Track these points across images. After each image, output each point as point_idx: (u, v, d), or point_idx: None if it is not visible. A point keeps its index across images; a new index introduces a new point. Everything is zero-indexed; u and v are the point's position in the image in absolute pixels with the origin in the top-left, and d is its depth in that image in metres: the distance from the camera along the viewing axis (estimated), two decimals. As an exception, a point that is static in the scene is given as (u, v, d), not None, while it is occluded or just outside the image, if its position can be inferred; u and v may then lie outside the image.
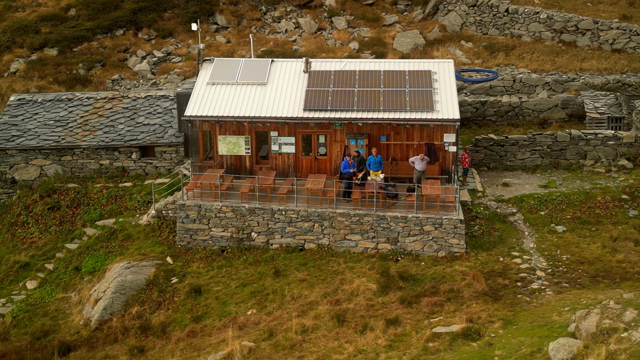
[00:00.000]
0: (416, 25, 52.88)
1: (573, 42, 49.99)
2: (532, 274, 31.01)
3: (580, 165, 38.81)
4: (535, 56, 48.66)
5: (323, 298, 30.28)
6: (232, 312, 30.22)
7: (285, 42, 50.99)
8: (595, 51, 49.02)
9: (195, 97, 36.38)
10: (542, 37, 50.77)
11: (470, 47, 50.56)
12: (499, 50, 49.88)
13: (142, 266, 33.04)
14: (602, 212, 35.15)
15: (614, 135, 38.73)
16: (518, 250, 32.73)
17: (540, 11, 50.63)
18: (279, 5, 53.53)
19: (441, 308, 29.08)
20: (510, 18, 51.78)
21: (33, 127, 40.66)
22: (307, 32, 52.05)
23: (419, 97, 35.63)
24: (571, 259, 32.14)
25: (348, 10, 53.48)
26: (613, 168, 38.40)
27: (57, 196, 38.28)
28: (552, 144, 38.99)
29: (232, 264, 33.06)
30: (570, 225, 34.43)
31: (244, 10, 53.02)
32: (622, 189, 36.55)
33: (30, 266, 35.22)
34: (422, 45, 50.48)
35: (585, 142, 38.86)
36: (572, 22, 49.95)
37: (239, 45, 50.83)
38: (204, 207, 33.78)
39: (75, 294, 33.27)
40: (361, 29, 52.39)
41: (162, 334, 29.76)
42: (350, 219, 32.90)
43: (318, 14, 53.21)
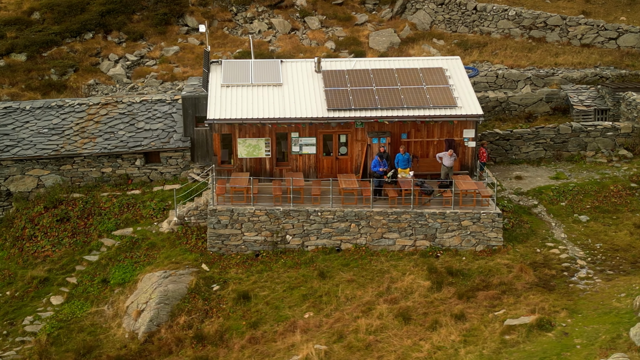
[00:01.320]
0: (387, 24, 53.30)
1: (543, 38, 51.48)
2: (574, 263, 31.80)
3: (582, 156, 40.03)
4: (508, 52, 49.85)
5: (378, 297, 30.19)
6: (288, 316, 29.76)
7: (260, 43, 50.47)
8: (566, 46, 50.61)
9: (214, 101, 35.60)
10: (512, 33, 52.06)
11: (442, 44, 51.34)
12: (472, 48, 50.83)
13: (179, 275, 32.13)
14: (618, 201, 36.36)
15: (612, 127, 40.11)
16: (551, 241, 33.49)
17: (509, 8, 51.91)
18: (250, 6, 52.92)
19: (500, 301, 29.45)
20: (478, 16, 52.86)
21: (27, 136, 38.87)
22: (281, 33, 51.67)
23: (439, 94, 35.97)
24: (604, 247, 33.13)
25: (319, 10, 53.41)
26: (614, 158, 39.79)
27: (65, 207, 36.74)
28: (554, 137, 40.08)
29: (272, 268, 32.55)
30: (592, 215, 35.47)
31: (215, 11, 52.16)
32: (629, 177, 37.91)
33: (50, 281, 33.70)
34: (398, 43, 50.94)
35: (586, 134, 40.09)
36: (540, 19, 51.42)
37: (213, 47, 49.96)
38: (236, 212, 33.11)
39: (108, 307, 32.04)
40: (334, 28, 52.41)
41: (220, 342, 29.03)
42: (388, 217, 32.92)
43: (290, 14, 52.91)
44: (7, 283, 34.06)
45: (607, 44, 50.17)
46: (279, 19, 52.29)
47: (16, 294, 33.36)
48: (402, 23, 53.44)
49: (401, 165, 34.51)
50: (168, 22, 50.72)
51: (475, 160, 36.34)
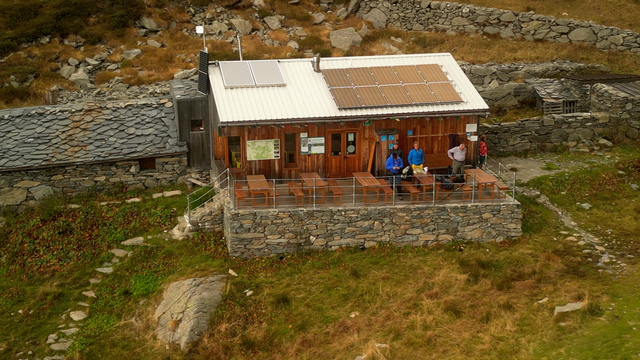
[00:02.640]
0: (345, 23, 53.54)
1: (497, 34, 52.93)
2: (594, 250, 32.95)
3: (565, 146, 41.48)
4: (466, 48, 51.02)
5: (419, 293, 30.42)
6: (334, 316, 29.58)
7: (223, 44, 49.74)
8: (520, 42, 52.24)
9: (222, 103, 34.91)
10: (467, 30, 53.30)
11: (400, 42, 52.04)
12: (430, 45, 51.76)
13: (210, 282, 31.41)
14: (612, 188, 37.90)
15: (591, 117, 41.75)
16: (564, 229, 34.59)
17: (462, 6, 53.13)
18: (208, 6, 52.03)
19: (539, 290, 30.21)
20: (433, 13, 53.85)
21: (12, 146, 37.00)
22: (242, 33, 51.07)
23: (442, 90, 36.50)
24: (615, 232, 34.48)
25: (278, 10, 53.08)
26: (595, 147, 41.43)
27: (65, 219, 35.21)
28: (539, 129, 41.36)
29: (300, 270, 32.26)
30: (593, 202, 36.84)
31: (172, 13, 51.01)
32: (615, 165, 39.55)
33: (66, 296, 32.26)
34: (359, 42, 51.30)
35: (567, 125, 41.56)
36: (494, 15, 52.88)
37: (175, 49, 48.92)
38: (259, 215, 32.61)
39: (135, 319, 30.96)
40: (295, 28, 52.23)
41: (270, 347, 28.58)
42: (411, 214, 33.19)
43: (249, 14, 52.34)
44: (17, 301, 32.38)
45: (559, 39, 52.10)
46: (238, 19, 51.66)
47: (30, 312, 31.76)
48: (359, 22, 53.80)
49: (415, 162, 34.84)
50: (125, 25, 49.27)
51: (477, 154, 37.05)
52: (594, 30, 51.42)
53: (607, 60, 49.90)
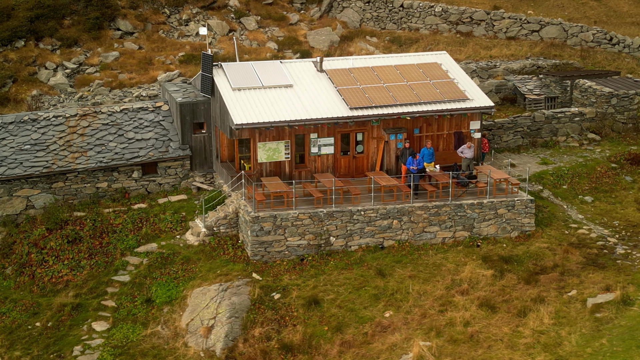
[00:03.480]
0: (319, 23, 53.47)
1: (470, 33, 53.67)
2: (607, 241, 33.74)
3: (555, 141, 42.34)
4: (441, 47, 51.55)
5: (449, 290, 30.63)
6: (368, 316, 29.54)
7: (202, 45, 49.08)
8: (493, 40, 53.09)
9: (234, 105, 34.47)
10: (440, 29, 53.89)
11: (376, 42, 52.28)
12: (404, 44, 52.15)
13: (237, 286, 31.00)
14: (609, 180, 38.88)
15: (579, 112, 42.74)
16: (573, 222, 35.32)
17: (435, 5, 53.69)
18: (184, 8, 51.22)
19: (564, 282, 30.78)
20: (406, 12, 54.26)
21: (9, 153, 35.78)
22: (219, 34, 50.48)
23: (447, 88, 36.84)
24: (622, 224, 35.39)
25: (253, 10, 52.63)
26: (585, 141, 42.42)
27: (72, 227, 34.23)
28: (530, 125, 42.12)
29: (324, 271, 32.10)
30: (594, 195, 37.72)
31: (148, 14, 50.03)
32: (607, 158, 40.58)
33: (84, 306, 31.36)
34: (337, 42, 51.33)
35: (557, 121, 42.45)
36: (466, 14, 53.60)
37: (154, 51, 48.05)
38: (279, 217, 32.32)
39: (161, 327, 30.31)
40: (271, 28, 51.89)
41: (310, 349, 28.38)
42: (429, 211, 33.39)
43: (224, 15, 51.75)
44: (32, 314, 31.33)
45: (531, 36, 53.13)
46: (214, 20, 51.02)
47: (49, 324, 30.78)
48: (333, 22, 53.80)
49: (426, 159, 35.04)
50: (101, 27, 48.12)
51: (480, 151, 37.52)
52: (564, 27, 52.61)
53: (579, 56, 51.12)
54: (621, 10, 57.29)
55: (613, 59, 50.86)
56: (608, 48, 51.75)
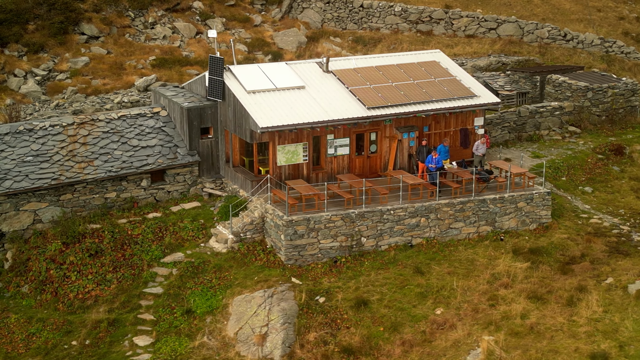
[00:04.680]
0: (283, 24, 53.15)
1: (430, 32, 54.55)
2: (621, 229, 35.05)
3: (539, 135, 43.62)
4: (405, 46, 52.24)
5: (490, 284, 31.09)
6: (421, 314, 29.65)
7: (171, 48, 47.93)
8: (453, 38, 54.14)
9: (254, 109, 33.89)
10: (400, 28, 54.53)
11: (340, 42, 52.46)
12: (368, 44, 52.54)
13: (281, 292, 30.54)
14: (601, 171, 40.39)
15: (559, 107, 44.19)
16: (582, 212, 36.51)
17: (394, 4, 54.29)
18: (149, 10, 49.82)
19: (598, 270, 31.76)
20: (366, 12, 54.62)
21: (11, 166, 34.04)
22: (187, 37, 49.43)
23: (452, 86, 37.39)
24: (627, 212, 36.85)
25: (217, 12, 51.73)
26: (566, 134, 43.89)
27: (92, 240, 32.89)
28: (516, 120, 43.22)
29: (361, 272, 32.03)
30: (592, 186, 39.11)
31: (112, 18, 48.40)
32: (592, 150, 42.14)
33: (121, 322, 30.19)
34: (305, 43, 51.19)
35: (539, 115, 43.74)
36: (426, 13, 54.45)
37: (123, 55, 46.59)
38: (312, 220, 32.05)
39: (208, 337, 29.53)
40: (238, 30, 51.18)
41: (371, 351, 28.28)
42: (454, 208, 33.82)
43: (189, 17, 50.69)
44: (65, 332, 29.95)
45: (488, 34, 54.47)
46: (180, 22, 49.92)
47: (87, 342, 29.49)
48: (296, 22, 53.57)
49: (443, 157, 35.45)
50: (66, 31, 46.27)
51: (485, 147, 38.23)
52: (520, 25, 54.17)
53: (538, 53, 52.76)
54: (564, 8, 59.44)
55: (570, 55, 52.72)
56: (563, 44, 53.61)
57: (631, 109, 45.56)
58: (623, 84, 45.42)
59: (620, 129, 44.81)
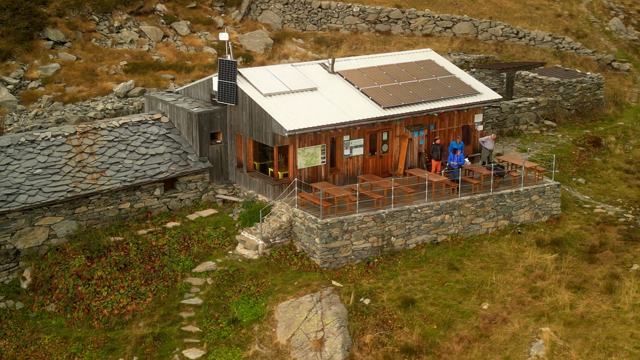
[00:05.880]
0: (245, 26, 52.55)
1: (388, 31, 55.14)
2: (626, 218, 36.53)
3: (519, 130, 44.87)
4: (368, 46, 52.69)
5: (526, 277, 31.81)
6: (469, 310, 30.04)
7: (141, 53, 46.59)
8: (411, 37, 54.91)
9: (276, 111, 33.47)
10: (359, 28, 54.87)
11: (302, 43, 52.39)
12: (330, 44, 52.69)
13: (328, 295, 30.33)
14: (586, 162, 41.96)
15: (535, 102, 45.59)
16: (584, 203, 37.85)
17: (353, 5, 54.60)
18: (112, 14, 48.19)
19: (621, 258, 33.02)
20: (325, 13, 54.69)
21: (22, 180, 32.42)
22: (154, 40, 48.16)
23: (456, 84, 38.02)
24: (624, 201, 38.43)
25: (181, 15, 50.56)
26: (543, 128, 45.33)
27: (118, 253, 31.73)
28: (498, 115, 44.32)
29: (397, 272, 32.17)
30: (584, 177, 40.57)
31: (77, 22, 46.58)
32: (572, 142, 43.70)
33: (165, 335, 29.25)
34: (271, 44, 50.83)
35: (518, 110, 45.00)
36: (383, 13, 55.01)
37: (93, 61, 44.98)
38: (346, 222, 31.98)
39: (259, 346, 29.03)
40: (203, 33, 50.22)
41: (432, 349, 28.48)
42: (475, 204, 34.43)
43: (154, 21, 49.36)
44: (109, 350, 28.82)
45: (444, 33, 55.54)
46: (146, 26, 48.56)
47: (134, 359, 28.44)
48: (257, 24, 53.07)
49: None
50: (32, 37, 44.28)
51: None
52: (474, 23, 55.46)
53: (494, 50, 54.17)
54: (506, 7, 61.22)
55: (524, 52, 54.38)
56: (516, 41, 55.23)
57: (597, 102, 47.41)
58: (589, 78, 47.23)
59: (591, 121, 46.55)
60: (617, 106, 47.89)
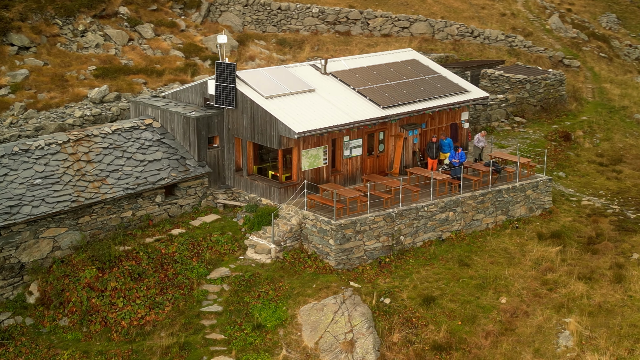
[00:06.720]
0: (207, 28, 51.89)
1: (348, 32, 55.37)
2: (613, 209, 37.75)
3: (492, 127, 45.80)
4: (330, 47, 52.85)
5: (536, 270, 32.51)
6: (489, 305, 30.49)
7: (109, 57, 45.42)
8: (371, 37, 55.31)
9: (281, 113, 33.23)
10: (319, 29, 54.94)
11: (265, 44, 52.16)
12: (293, 46, 52.63)
13: (349, 297, 30.32)
14: (562, 156, 43.15)
15: (505, 99, 46.62)
16: (570, 196, 38.94)
17: (312, 6, 54.63)
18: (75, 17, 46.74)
19: (620, 248, 34.14)
20: (284, 15, 54.52)
21: (23, 190, 31.27)
22: (120, 44, 47.02)
23: (444, 83, 38.55)
24: (607, 193, 39.71)
25: (144, 18, 49.46)
26: (514, 125, 46.39)
27: (130, 263, 30.96)
28: (472, 113, 45.13)
29: (410, 270, 32.39)
30: (563, 171, 41.71)
31: (41, 26, 45.02)
32: (545, 137, 44.89)
33: (191, 345, 28.69)
34: (237, 46, 50.39)
35: (490, 107, 45.94)
36: (342, 14, 55.22)
37: (61, 66, 43.61)
38: (359, 222, 32.05)
39: (287, 350, 28.83)
40: (167, 35, 49.31)
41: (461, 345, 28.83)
42: (476, 200, 35.01)
43: (118, 24, 48.17)
44: (133, 363, 28.06)
45: (402, 33, 56.15)
46: (110, 29, 47.36)
47: (174, 370, 27.87)
48: (218, 26, 52.47)
49: (446, 150, 36.59)
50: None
51: (467, 140, 39.77)
52: (430, 23, 56.26)
53: (452, 49, 55.09)
54: (454, 6, 62.34)
55: (481, 50, 55.49)
56: (472, 40, 56.30)
57: (560, 98, 48.77)
58: (552, 74, 48.55)
59: (556, 116, 47.88)
60: (578, 102, 49.34)
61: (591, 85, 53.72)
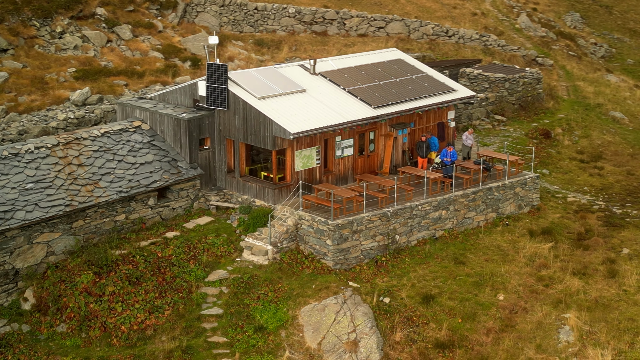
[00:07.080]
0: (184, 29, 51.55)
1: (325, 32, 55.41)
2: (599, 205, 38.32)
3: (473, 125, 46.18)
4: (308, 47, 52.86)
5: (530, 267, 32.87)
6: (488, 302, 30.72)
7: (88, 59, 44.86)
8: (347, 37, 55.40)
9: (275, 114, 33.13)
10: (296, 30, 54.89)
11: (242, 45, 51.99)
12: (270, 46, 52.55)
13: (349, 297, 30.35)
14: (544, 153, 43.69)
15: (485, 97, 47.05)
16: (556, 192, 39.43)
17: (288, 6, 54.57)
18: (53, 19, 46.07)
19: (610, 243, 34.67)
20: (261, 15, 54.37)
21: (15, 195, 30.76)
22: (98, 46, 46.47)
23: (431, 82, 38.78)
24: (591, 189, 40.30)
25: (121, 19, 48.90)
26: (495, 123, 46.83)
27: (127, 267, 30.64)
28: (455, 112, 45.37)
29: (407, 269, 32.51)
30: (546, 168, 42.22)
31: (18, 28, 44.31)
32: (526, 135, 45.41)
33: (193, 348, 28.49)
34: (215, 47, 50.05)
35: (470, 106, 46.33)
36: (319, 14, 55.23)
37: (40, 69, 42.98)
38: (355, 222, 32.10)
39: (290, 352, 28.78)
40: (146, 37, 48.85)
41: (463, 342, 29.04)
42: (468, 198, 35.29)
43: (96, 25, 47.59)
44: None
45: (378, 33, 56.33)
46: (88, 30, 46.77)
47: (175, 375, 27.63)
48: (195, 27, 52.15)
49: (433, 149, 36.86)
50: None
51: (453, 138, 40.05)
52: (406, 23, 56.53)
53: (428, 49, 55.41)
54: (426, 6, 62.72)
55: (456, 50, 55.91)
56: (447, 40, 56.69)
57: (538, 96, 49.34)
58: (530, 73, 49.10)
59: (535, 114, 48.44)
60: (555, 100, 49.97)
61: (565, 84, 54.43)
